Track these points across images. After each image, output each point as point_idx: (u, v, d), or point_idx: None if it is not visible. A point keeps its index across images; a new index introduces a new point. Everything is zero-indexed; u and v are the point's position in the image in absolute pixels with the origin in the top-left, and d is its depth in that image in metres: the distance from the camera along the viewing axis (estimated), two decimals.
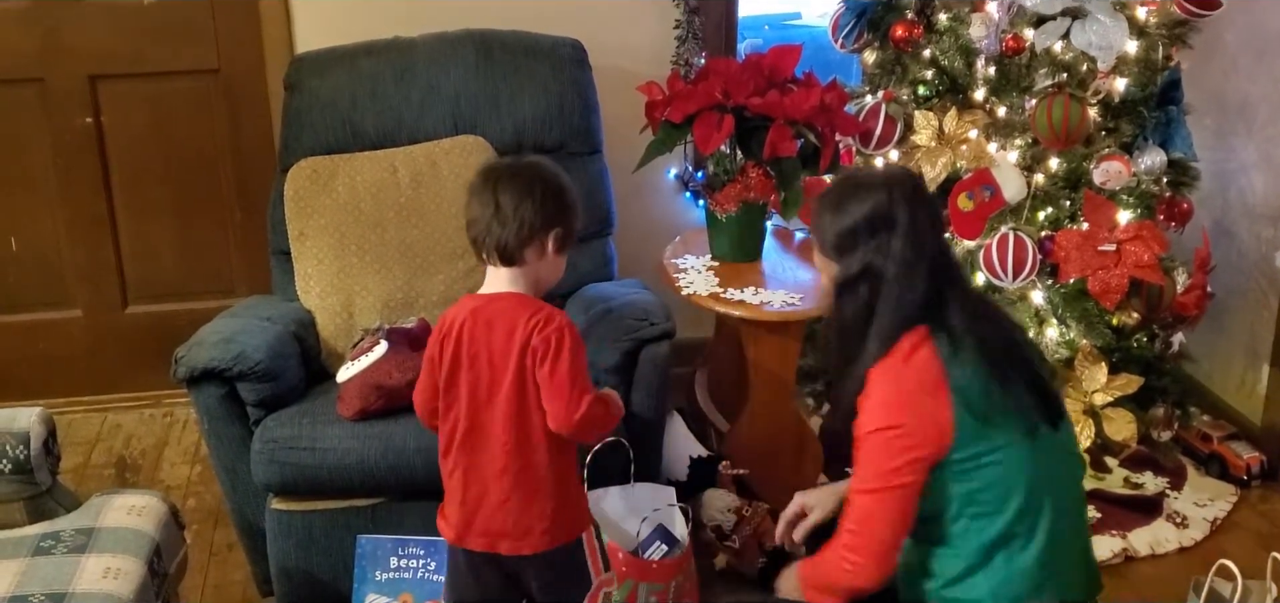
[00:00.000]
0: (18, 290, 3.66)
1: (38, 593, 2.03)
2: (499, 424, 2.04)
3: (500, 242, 2.01)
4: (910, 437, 1.83)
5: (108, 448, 3.56)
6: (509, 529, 2.08)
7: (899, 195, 1.91)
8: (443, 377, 2.08)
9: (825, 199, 1.99)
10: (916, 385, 1.85)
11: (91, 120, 3.51)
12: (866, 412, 1.87)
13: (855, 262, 1.91)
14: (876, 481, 1.86)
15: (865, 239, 1.90)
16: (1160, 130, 3.18)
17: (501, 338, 2.02)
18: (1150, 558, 3.00)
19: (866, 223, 1.91)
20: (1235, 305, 3.44)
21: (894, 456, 1.83)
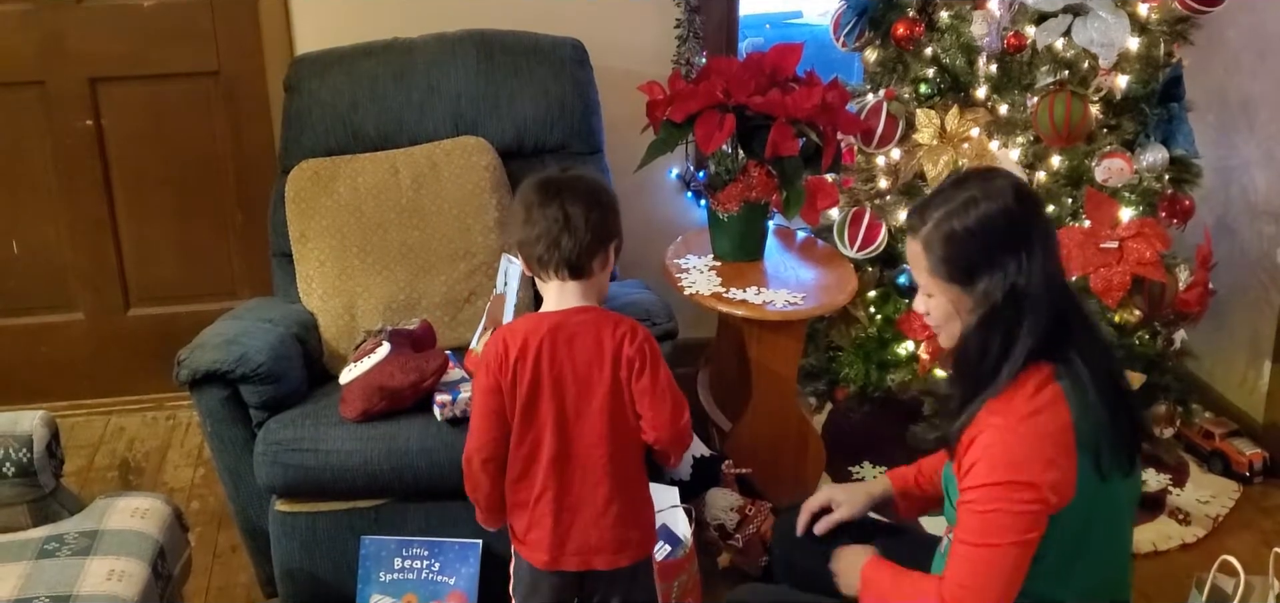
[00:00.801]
0: (19, 293, 3.66)
1: (42, 596, 2.03)
2: (592, 440, 2.01)
3: (572, 253, 1.98)
4: (1037, 492, 1.70)
5: (111, 451, 3.56)
6: (608, 544, 2.05)
7: (1028, 201, 1.78)
8: (520, 398, 2.01)
9: (945, 212, 1.76)
10: (1048, 438, 1.71)
11: (92, 123, 3.51)
12: (989, 462, 1.72)
13: (997, 285, 1.73)
14: (999, 536, 1.71)
15: (1005, 256, 1.73)
16: (1162, 127, 3.17)
17: (587, 352, 2.00)
18: (1152, 555, 3.00)
19: (1007, 235, 1.74)
20: (1237, 303, 3.44)
21: (1020, 511, 1.70)
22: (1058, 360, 1.74)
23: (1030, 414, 1.71)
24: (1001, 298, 1.72)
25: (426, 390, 2.58)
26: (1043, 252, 1.75)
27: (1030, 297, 1.72)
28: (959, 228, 1.74)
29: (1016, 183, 1.78)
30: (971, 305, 1.76)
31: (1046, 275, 1.75)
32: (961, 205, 1.75)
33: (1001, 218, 1.74)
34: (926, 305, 1.84)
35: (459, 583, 2.55)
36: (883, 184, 3.28)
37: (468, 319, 2.91)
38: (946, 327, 1.82)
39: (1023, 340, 1.73)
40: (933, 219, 1.77)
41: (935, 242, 1.76)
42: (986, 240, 1.74)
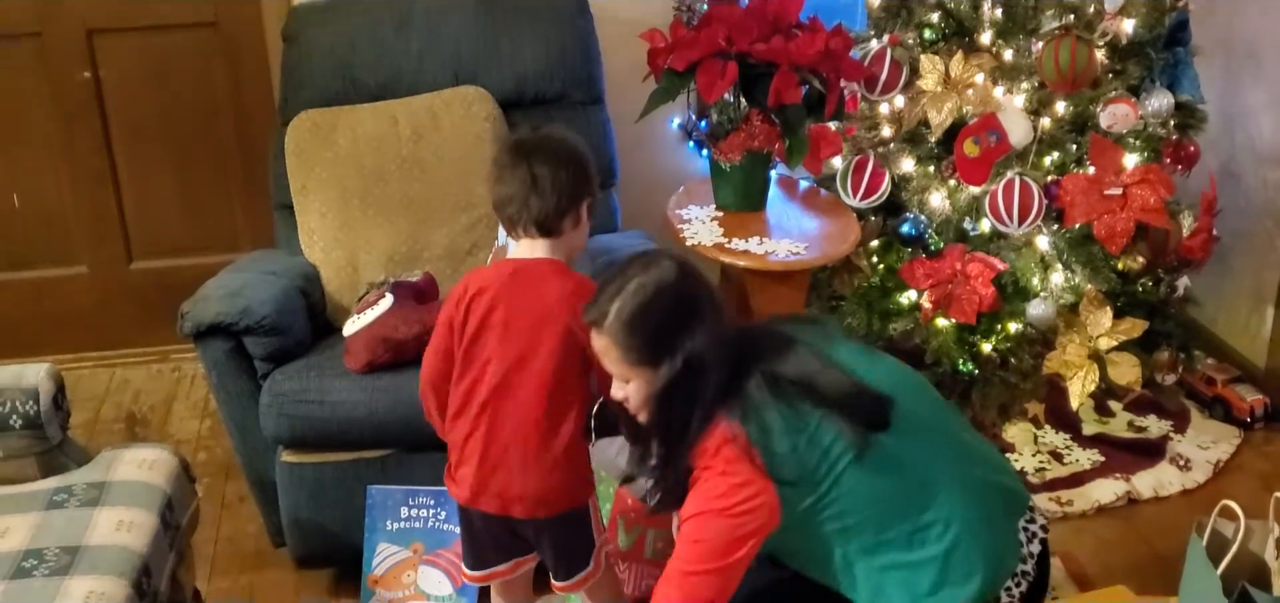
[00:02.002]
0: (22, 247, 3.66)
1: (52, 546, 2.05)
2: (531, 389, 2.04)
3: (540, 214, 2.04)
4: (732, 516, 1.84)
5: (117, 403, 3.58)
6: (528, 494, 2.09)
7: (690, 273, 1.90)
8: (467, 336, 2.07)
9: (619, 304, 1.87)
10: (732, 469, 1.84)
11: (90, 75, 3.50)
12: (694, 498, 1.87)
13: (678, 358, 1.86)
14: (713, 560, 1.85)
15: (679, 332, 1.86)
16: (1168, 73, 3.15)
17: (542, 303, 2.04)
18: (1154, 501, 3.02)
19: (676, 310, 1.87)
20: (1241, 249, 3.44)
21: (731, 532, 1.84)
22: (731, 401, 1.86)
23: (715, 452, 1.85)
24: (679, 370, 1.85)
25: None
26: (708, 315, 1.88)
27: (703, 361, 1.86)
28: (634, 312, 1.85)
29: (676, 258, 1.91)
30: (657, 381, 1.88)
31: (717, 338, 1.87)
32: (631, 294, 1.86)
33: (668, 294, 1.87)
34: (625, 391, 1.92)
35: None
36: (886, 132, 3.26)
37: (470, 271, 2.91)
38: (644, 407, 1.93)
39: (702, 400, 1.86)
40: (611, 312, 1.86)
41: (619, 332, 1.86)
42: (660, 320, 1.86)
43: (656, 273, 1.89)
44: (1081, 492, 3.03)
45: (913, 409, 1.97)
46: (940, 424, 2.05)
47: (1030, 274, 3.09)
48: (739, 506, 1.84)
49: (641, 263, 1.92)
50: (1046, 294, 3.09)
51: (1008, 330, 3.14)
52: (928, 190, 3.17)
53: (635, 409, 1.94)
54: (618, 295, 1.88)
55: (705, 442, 1.87)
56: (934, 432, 2.01)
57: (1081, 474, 3.10)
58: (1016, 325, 3.11)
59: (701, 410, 1.87)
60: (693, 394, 1.87)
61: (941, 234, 3.18)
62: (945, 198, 3.15)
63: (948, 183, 3.16)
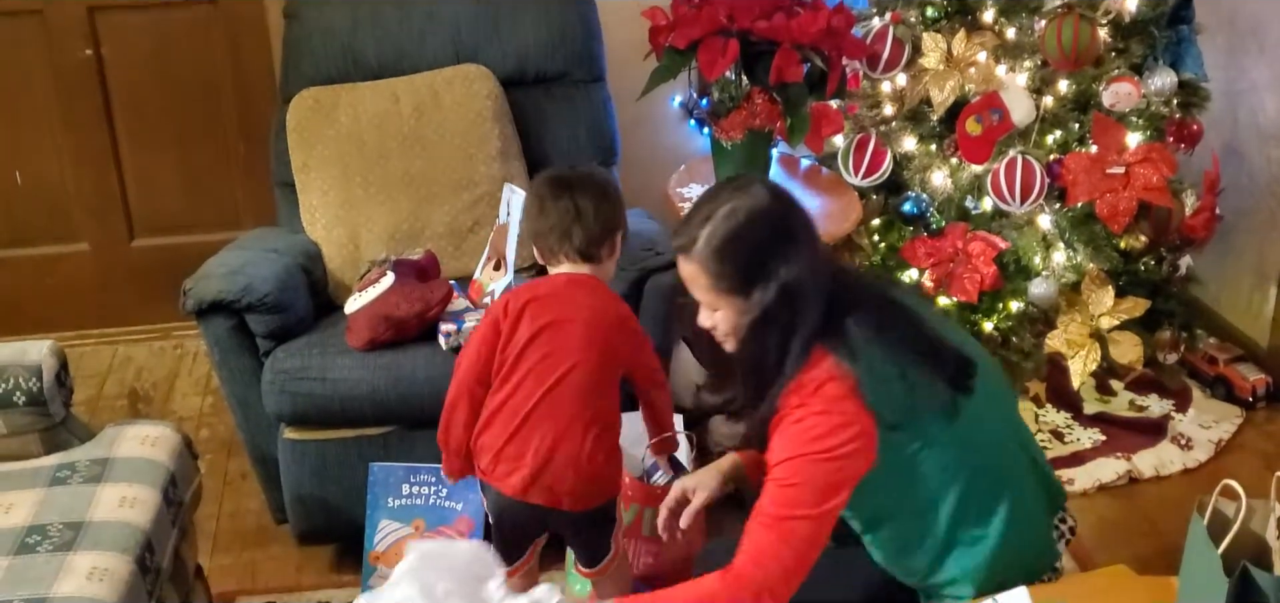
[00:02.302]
0: (24, 225, 3.66)
1: (56, 522, 2.05)
2: (581, 390, 2.11)
3: (583, 241, 2.16)
4: (835, 459, 1.74)
5: (119, 380, 3.59)
6: (578, 489, 2.13)
7: (784, 197, 1.81)
8: (519, 340, 2.13)
9: (710, 229, 1.78)
10: (835, 407, 1.74)
11: (91, 52, 3.49)
12: (787, 439, 1.77)
13: (771, 287, 1.76)
14: (799, 508, 1.74)
15: (774, 258, 1.77)
16: (1171, 51, 3.14)
17: (594, 312, 2.15)
18: (1155, 480, 3.02)
19: (772, 236, 1.78)
20: (1244, 227, 3.43)
21: (820, 481, 1.74)
22: (832, 336, 1.78)
23: (814, 390, 1.75)
24: (774, 299, 1.76)
25: (431, 320, 2.59)
26: (806, 243, 1.80)
27: (801, 291, 1.76)
28: (724, 238, 1.77)
29: (768, 183, 1.84)
30: (749, 311, 1.79)
31: (812, 266, 1.79)
32: (723, 219, 1.77)
33: (763, 220, 1.78)
34: (712, 319, 1.85)
35: (466, 509, 2.58)
36: (888, 110, 3.26)
37: (472, 249, 2.91)
38: (733, 335, 1.85)
39: (801, 332, 1.77)
40: (701, 238, 1.78)
41: (708, 259, 1.78)
42: (754, 246, 1.77)
43: (749, 197, 1.79)
44: (1082, 471, 3.03)
45: (987, 383, 1.90)
46: (1009, 404, 2.01)
47: (1032, 253, 3.09)
48: (842, 448, 1.73)
49: (732, 187, 1.83)
50: (1048, 273, 3.09)
51: (1009, 309, 3.14)
52: (929, 169, 3.16)
53: (722, 337, 1.86)
54: (708, 221, 1.78)
55: (803, 377, 1.76)
56: (1004, 409, 1.98)
57: (1082, 453, 3.10)
58: (1018, 304, 3.12)
59: (800, 343, 1.77)
60: (790, 325, 1.77)
61: (943, 213, 3.18)
62: (947, 176, 3.15)
63: (950, 161, 3.16)
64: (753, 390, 1.84)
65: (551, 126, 3.12)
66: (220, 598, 2.61)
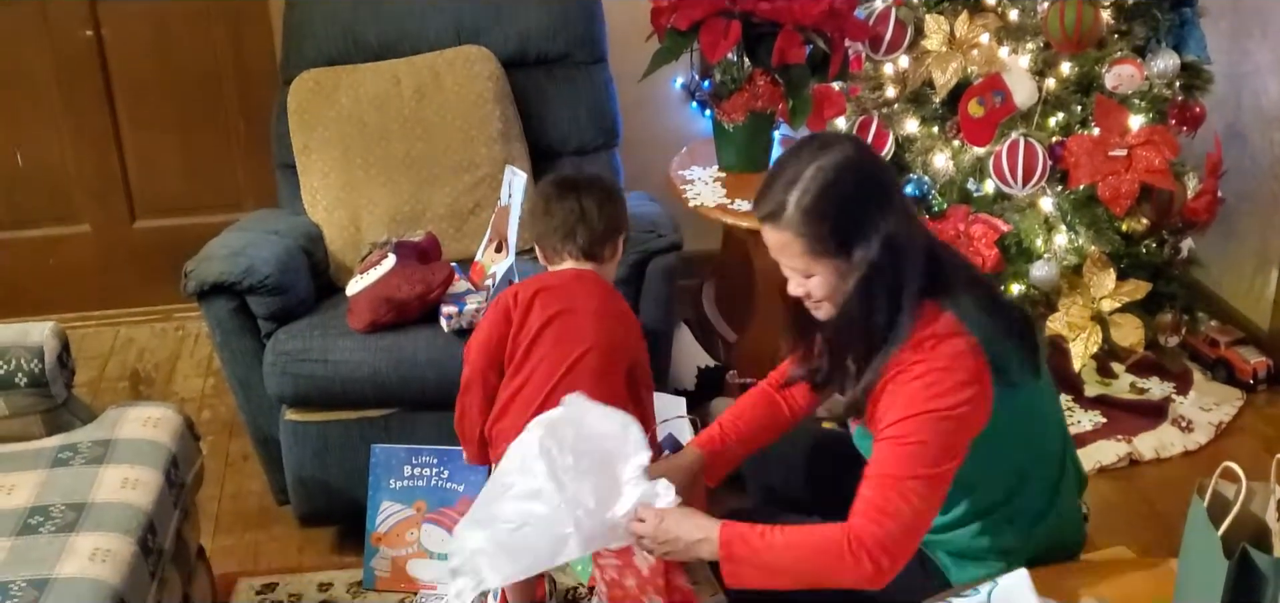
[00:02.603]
0: (26, 206, 3.66)
1: (58, 503, 2.06)
2: (596, 376, 2.15)
3: (587, 240, 2.22)
4: (956, 416, 1.67)
5: (121, 362, 3.59)
6: None
7: (869, 150, 1.75)
8: (531, 328, 2.18)
9: (800, 191, 1.69)
10: (956, 363, 1.68)
11: (92, 34, 3.48)
12: (906, 397, 1.68)
13: (874, 243, 1.68)
14: (920, 466, 1.66)
15: (872, 211, 1.69)
16: (1173, 33, 3.13)
17: (599, 300, 2.22)
18: (1155, 462, 3.03)
19: (866, 190, 1.70)
20: (1246, 210, 3.43)
21: (942, 440, 1.67)
22: (940, 294, 1.72)
23: (934, 346, 1.69)
24: (878, 254, 1.69)
25: (433, 302, 2.59)
26: (899, 193, 1.75)
27: (903, 243, 1.70)
28: (820, 200, 1.68)
29: (852, 137, 1.79)
30: (852, 272, 1.71)
31: (909, 217, 1.73)
32: (813, 179, 1.69)
33: (854, 175, 1.70)
34: (805, 286, 1.77)
35: (468, 490, 2.58)
36: (891, 92, 3.24)
37: (473, 231, 2.91)
38: (830, 300, 1.77)
39: (909, 287, 1.70)
40: (790, 202, 1.69)
41: (801, 224, 1.70)
42: (851, 202, 1.70)
43: (836, 153, 1.71)
44: (1083, 453, 3.03)
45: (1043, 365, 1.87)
46: (1054, 388, 1.98)
47: (1034, 235, 3.09)
48: (963, 406, 1.66)
49: (813, 147, 1.74)
50: (1050, 256, 3.08)
51: (1011, 292, 3.14)
52: (932, 151, 3.15)
53: (817, 303, 1.78)
54: (794, 184, 1.70)
55: (920, 333, 1.69)
56: (1054, 392, 1.96)
57: (1083, 436, 3.10)
58: (1020, 287, 3.11)
59: (910, 298, 1.70)
60: (897, 281, 1.69)
61: (945, 195, 3.17)
62: (949, 159, 3.14)
63: (952, 143, 3.15)
64: (861, 353, 1.76)
65: (553, 108, 3.12)
66: (222, 579, 2.62)
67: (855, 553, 1.65)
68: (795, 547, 1.71)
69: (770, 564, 1.71)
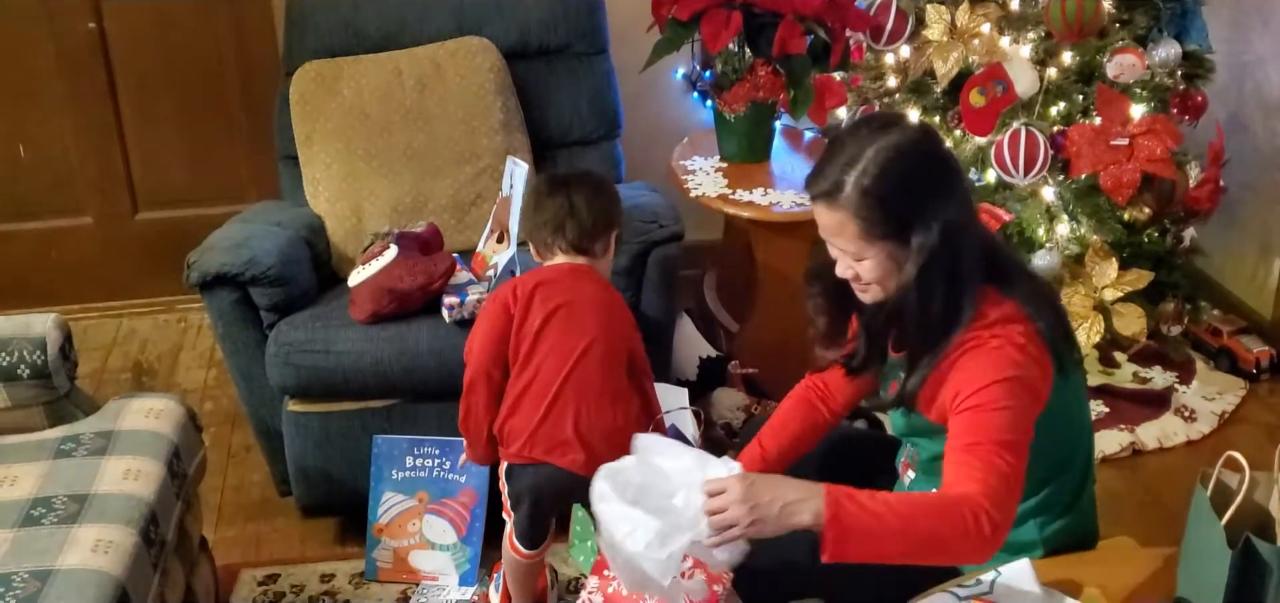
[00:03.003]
0: (28, 198, 3.66)
1: (61, 494, 2.06)
2: (605, 365, 2.18)
3: (576, 235, 2.23)
4: (1033, 389, 1.65)
5: (124, 353, 3.60)
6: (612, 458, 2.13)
7: (931, 132, 1.70)
8: (533, 323, 2.18)
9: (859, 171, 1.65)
10: (1024, 342, 1.66)
11: (95, 25, 3.48)
12: (980, 371, 1.64)
13: (934, 229, 1.64)
14: (1013, 431, 1.62)
15: (933, 196, 1.65)
16: (1175, 22, 3.13)
17: (596, 291, 2.23)
18: (1158, 451, 3.02)
19: (928, 173, 1.66)
20: (1248, 199, 3.43)
21: (1024, 408, 1.64)
22: (1000, 281, 1.71)
23: (1004, 326, 1.67)
24: (938, 241, 1.64)
25: (435, 293, 2.59)
26: (962, 180, 1.72)
27: (963, 230, 1.66)
28: (880, 182, 1.64)
29: (910, 119, 1.74)
30: (909, 257, 1.66)
31: (967, 202, 1.71)
32: (873, 158, 1.64)
33: (917, 158, 1.66)
34: (855, 268, 1.72)
35: (470, 481, 2.59)
36: (892, 82, 3.25)
37: (474, 222, 2.91)
38: (882, 283, 1.72)
39: (969, 273, 1.67)
40: (850, 181, 1.65)
41: (860, 205, 1.65)
42: (911, 186, 1.65)
43: (898, 134, 1.66)
44: None
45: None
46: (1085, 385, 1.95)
47: (1036, 225, 3.09)
48: (1039, 380, 1.65)
49: (872, 126, 1.69)
50: (1052, 245, 3.08)
51: None
52: None
53: (867, 285, 1.73)
54: (854, 163, 1.64)
55: (987, 316, 1.67)
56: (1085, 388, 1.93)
57: None
58: None
59: (970, 285, 1.67)
60: (955, 270, 1.66)
61: None
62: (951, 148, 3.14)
63: (953, 133, 3.15)
64: (914, 340, 1.73)
65: (554, 99, 3.11)
66: (224, 570, 2.62)
67: (976, 517, 1.56)
68: (913, 511, 1.60)
69: (883, 531, 1.57)
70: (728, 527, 1.58)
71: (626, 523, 1.62)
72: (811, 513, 1.56)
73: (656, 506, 1.63)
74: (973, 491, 1.59)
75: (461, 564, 2.58)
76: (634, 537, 1.61)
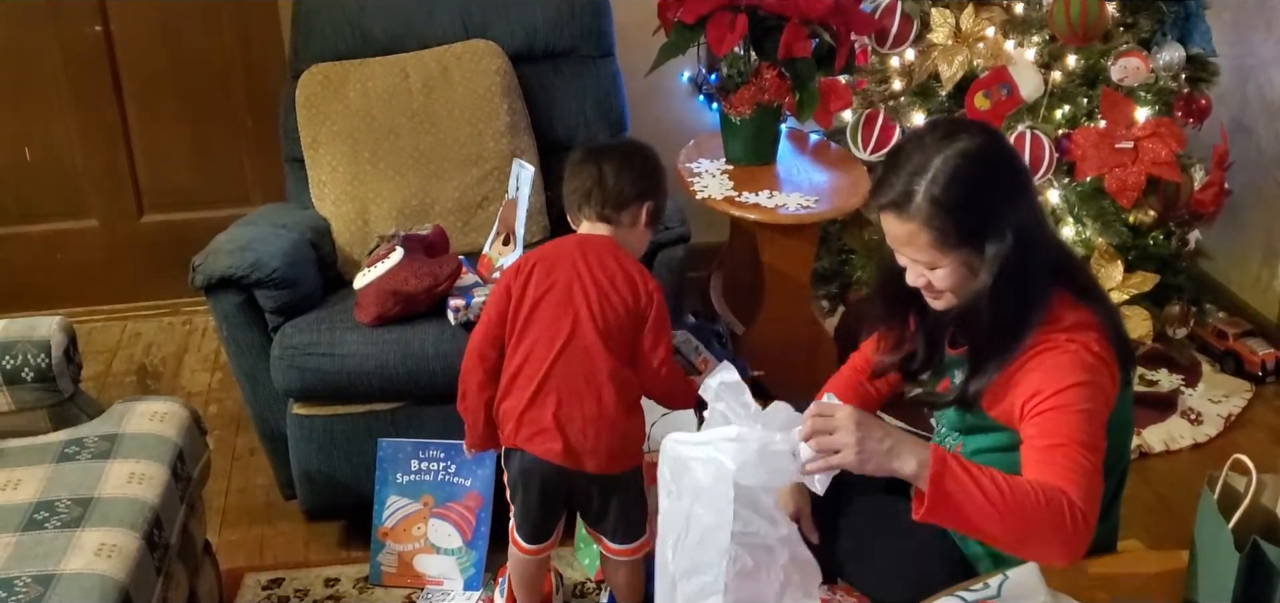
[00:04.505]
0: (33, 200, 3.67)
1: (64, 498, 2.06)
2: (596, 348, 2.12)
3: (600, 203, 2.21)
4: (1106, 394, 1.65)
5: (128, 356, 3.60)
6: (600, 448, 2.13)
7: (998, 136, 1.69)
8: (529, 300, 2.15)
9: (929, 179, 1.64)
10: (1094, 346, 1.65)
11: (101, 28, 3.49)
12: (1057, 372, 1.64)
13: (1007, 235, 1.63)
14: (1098, 434, 1.62)
15: (1005, 202, 1.65)
16: (1179, 25, 3.13)
17: (606, 265, 2.16)
18: (1165, 454, 3.02)
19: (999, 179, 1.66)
20: (1252, 202, 3.42)
21: (1099, 410, 1.64)
22: (1072, 286, 1.71)
23: (1081, 330, 1.66)
24: (1011, 247, 1.63)
25: (440, 295, 2.59)
26: (1029, 182, 1.71)
27: (1035, 234, 1.66)
28: (950, 190, 1.63)
29: (981, 124, 1.71)
30: (983, 264, 1.66)
31: (1036, 204, 1.71)
32: (943, 167, 1.63)
33: (987, 164, 1.65)
34: (928, 277, 1.71)
35: (475, 484, 2.59)
36: (897, 85, 3.24)
37: (480, 224, 2.91)
38: (955, 291, 1.72)
39: (1040, 278, 1.67)
40: (920, 191, 1.64)
41: (931, 215, 1.64)
42: (983, 194, 1.64)
43: (965, 141, 1.65)
44: None
45: None
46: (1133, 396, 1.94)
47: None
48: (1112, 387, 1.65)
49: (937, 134, 1.68)
50: None
51: None
52: None
53: (939, 293, 1.73)
54: (922, 172, 1.64)
55: (1063, 320, 1.66)
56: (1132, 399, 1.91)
57: None
58: None
59: (1040, 291, 1.66)
60: (1025, 275, 1.65)
61: None
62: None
63: None
64: (981, 344, 1.72)
65: (560, 102, 3.11)
66: (228, 574, 2.62)
67: (1072, 512, 1.55)
68: (1015, 492, 1.56)
69: (982, 502, 1.55)
70: (832, 451, 1.56)
71: (728, 436, 1.60)
72: (918, 462, 1.55)
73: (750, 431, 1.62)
74: (1067, 487, 1.57)
75: (466, 569, 2.58)
76: (743, 442, 1.59)
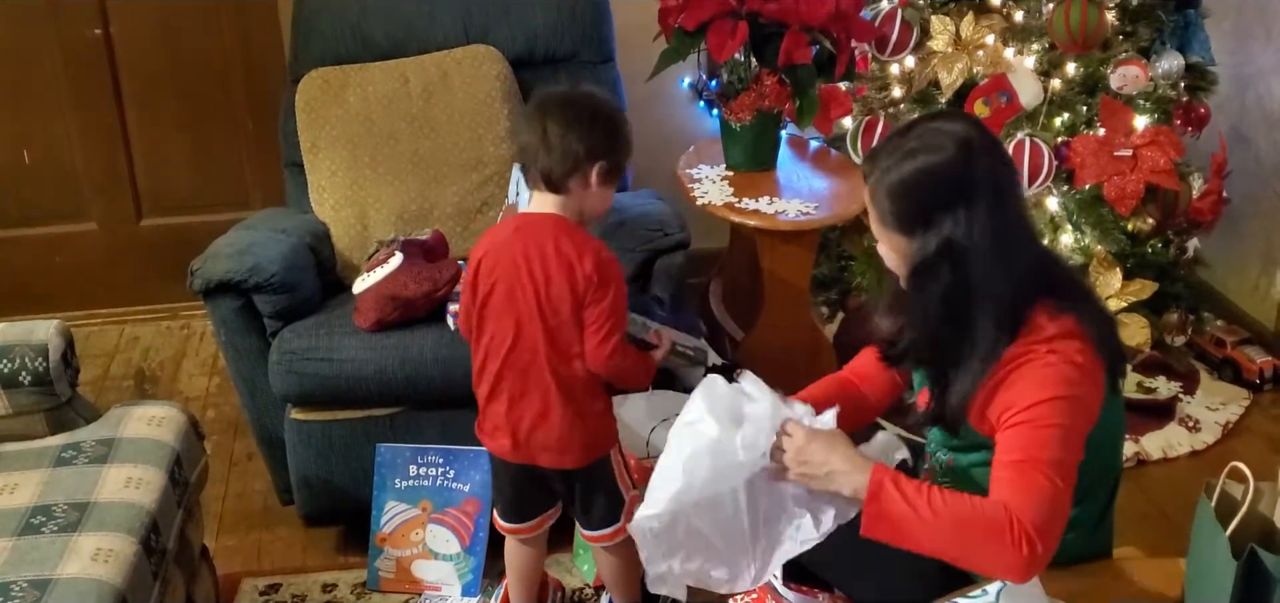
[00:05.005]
0: (33, 204, 3.66)
1: (61, 503, 2.06)
2: (540, 343, 2.07)
3: (545, 169, 2.03)
4: (1085, 407, 1.65)
5: (126, 360, 3.59)
6: (551, 444, 2.13)
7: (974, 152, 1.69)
8: (479, 298, 2.10)
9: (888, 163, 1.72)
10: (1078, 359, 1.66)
11: (100, 32, 3.49)
12: (1035, 384, 1.65)
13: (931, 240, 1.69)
14: (1068, 451, 1.62)
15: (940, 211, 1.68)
16: (1178, 34, 3.14)
17: (543, 255, 2.04)
18: (1162, 462, 3.02)
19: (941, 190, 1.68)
20: (1251, 211, 3.42)
21: (1074, 426, 1.63)
22: (1056, 295, 1.72)
23: (1063, 341, 1.67)
24: (934, 252, 1.68)
25: (440, 300, 2.59)
26: (989, 204, 1.67)
27: (972, 251, 1.66)
28: (897, 180, 1.70)
29: (963, 134, 1.69)
30: (910, 255, 1.72)
31: (994, 229, 1.67)
32: (901, 157, 1.70)
33: (937, 173, 1.68)
34: (881, 249, 1.81)
35: (473, 489, 2.58)
36: (897, 92, 3.25)
37: (480, 229, 2.91)
38: (895, 268, 1.79)
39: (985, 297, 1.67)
40: (879, 168, 1.72)
41: (880, 193, 1.72)
42: (920, 195, 1.69)
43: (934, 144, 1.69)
44: None
45: None
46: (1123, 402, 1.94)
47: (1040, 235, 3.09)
48: (1092, 398, 1.65)
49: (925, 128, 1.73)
50: None
51: None
52: None
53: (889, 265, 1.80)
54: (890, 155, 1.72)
55: (1043, 330, 1.68)
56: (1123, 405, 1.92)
57: None
58: None
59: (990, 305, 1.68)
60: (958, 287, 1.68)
61: None
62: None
63: None
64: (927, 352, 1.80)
65: None
66: (226, 580, 2.62)
67: (1016, 533, 1.56)
68: (955, 513, 1.60)
69: (918, 523, 1.60)
70: (781, 469, 1.73)
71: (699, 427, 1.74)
72: (852, 487, 1.67)
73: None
74: (1018, 507, 1.58)
75: (464, 575, 2.58)
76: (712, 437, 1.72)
